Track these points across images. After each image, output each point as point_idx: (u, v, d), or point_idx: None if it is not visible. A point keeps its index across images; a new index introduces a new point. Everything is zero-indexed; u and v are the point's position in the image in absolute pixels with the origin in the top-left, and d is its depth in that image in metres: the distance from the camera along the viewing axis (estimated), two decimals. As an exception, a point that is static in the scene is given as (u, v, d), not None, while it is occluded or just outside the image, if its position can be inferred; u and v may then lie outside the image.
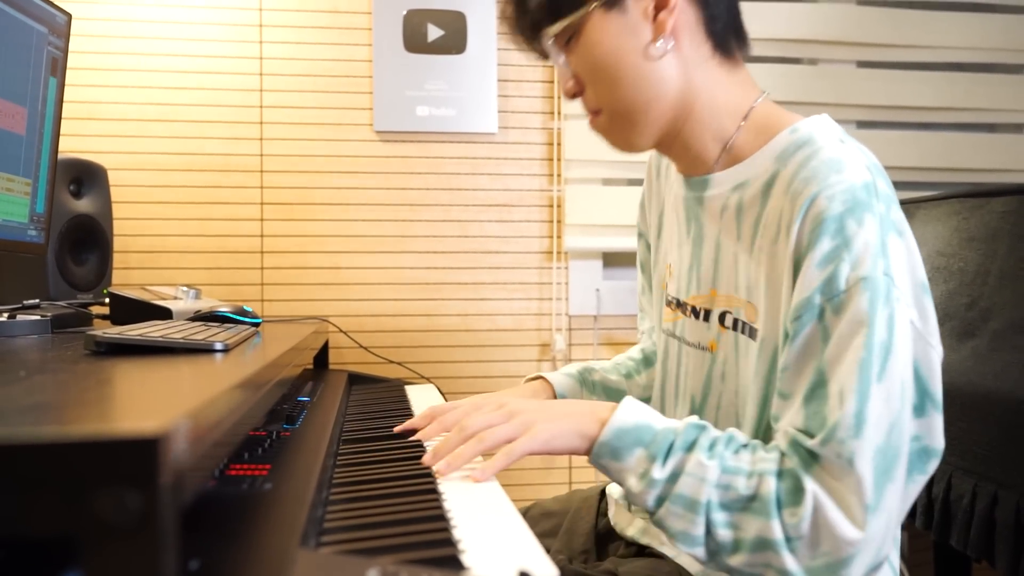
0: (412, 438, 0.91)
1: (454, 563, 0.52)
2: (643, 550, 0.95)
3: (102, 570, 0.35)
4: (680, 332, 0.93)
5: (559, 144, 1.89)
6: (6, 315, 1.10)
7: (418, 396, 1.29)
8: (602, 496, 1.09)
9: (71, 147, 1.68)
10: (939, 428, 0.77)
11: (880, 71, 2.02)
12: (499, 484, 0.73)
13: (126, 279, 1.73)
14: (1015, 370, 1.16)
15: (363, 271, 1.84)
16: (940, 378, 0.77)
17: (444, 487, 0.71)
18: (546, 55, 0.88)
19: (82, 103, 1.74)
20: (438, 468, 0.75)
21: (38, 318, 1.12)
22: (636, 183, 1.90)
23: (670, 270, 0.98)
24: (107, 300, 1.34)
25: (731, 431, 0.75)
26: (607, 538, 1.02)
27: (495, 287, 1.88)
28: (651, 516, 0.74)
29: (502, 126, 1.88)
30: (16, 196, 1.17)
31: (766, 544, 0.68)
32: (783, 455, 0.71)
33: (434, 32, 1.84)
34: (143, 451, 0.35)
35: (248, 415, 0.61)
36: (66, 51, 1.27)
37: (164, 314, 1.24)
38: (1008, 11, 2.07)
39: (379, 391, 1.39)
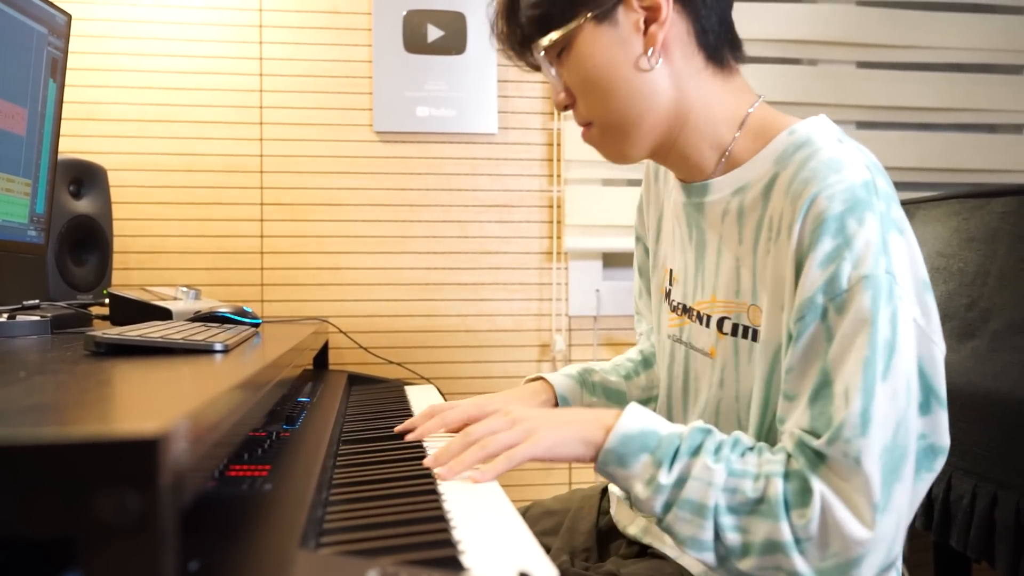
0: (411, 436, 0.91)
1: (454, 564, 0.52)
2: (645, 550, 0.95)
3: (102, 571, 0.35)
4: (687, 338, 0.93)
5: (559, 144, 1.89)
6: (6, 316, 1.10)
7: (418, 396, 1.30)
8: (603, 494, 1.09)
9: (71, 147, 1.68)
10: (945, 426, 0.77)
11: (880, 72, 2.02)
12: (499, 485, 0.73)
13: (126, 280, 1.73)
14: (1015, 371, 1.16)
15: (363, 271, 1.84)
16: (944, 375, 0.77)
17: (444, 488, 0.71)
18: (538, 68, 0.88)
19: (82, 103, 1.74)
20: (439, 472, 0.75)
21: (38, 319, 1.12)
22: (636, 183, 1.90)
23: (671, 275, 0.97)
24: (107, 301, 1.34)
25: (737, 434, 0.75)
26: (608, 537, 1.02)
27: (495, 287, 1.88)
28: (659, 522, 0.73)
29: (502, 126, 1.88)
30: (16, 197, 1.18)
31: (775, 546, 0.68)
32: (789, 456, 0.71)
33: (434, 32, 1.84)
34: (143, 452, 0.35)
35: (248, 416, 0.61)
36: (66, 51, 1.28)
37: (164, 315, 1.24)
38: (1008, 11, 2.07)
39: (379, 392, 1.39)
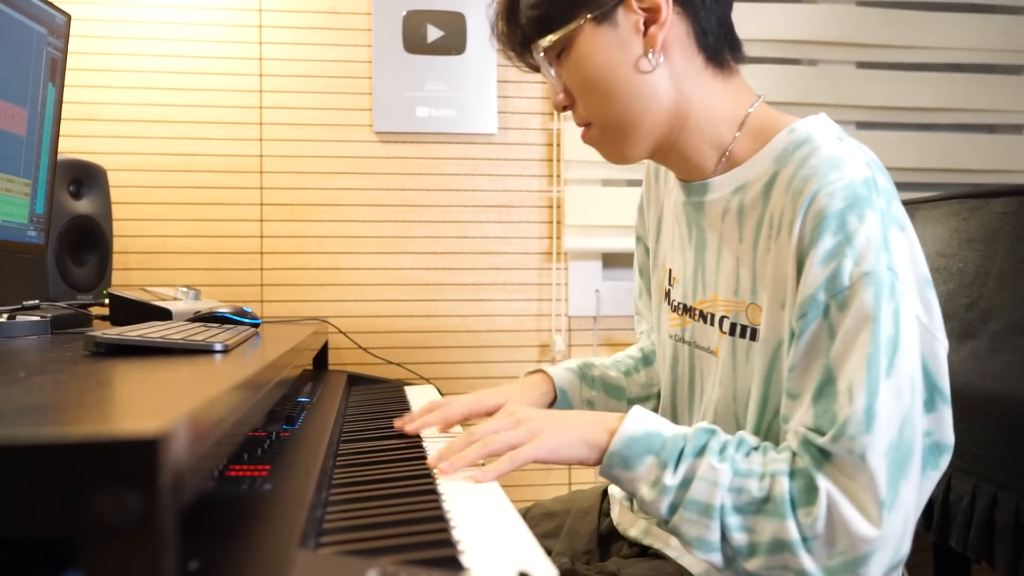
0: (409, 428, 0.91)
1: (454, 564, 0.52)
2: (646, 551, 0.95)
3: (102, 571, 0.35)
4: (690, 337, 0.93)
5: (559, 145, 1.89)
6: (6, 316, 1.10)
7: (418, 396, 1.30)
8: (604, 496, 1.09)
9: (70, 148, 1.68)
10: (949, 423, 0.77)
11: (879, 72, 2.02)
12: (499, 485, 0.73)
13: (126, 280, 1.73)
14: (1015, 371, 1.16)
15: (363, 272, 1.84)
16: (947, 372, 0.77)
17: (444, 488, 0.71)
18: (537, 68, 0.88)
19: (82, 104, 1.73)
20: (441, 468, 0.75)
21: (38, 319, 1.12)
22: (636, 184, 1.90)
23: (671, 275, 0.97)
24: (107, 301, 1.34)
25: (741, 434, 0.75)
26: (609, 539, 1.02)
27: (495, 288, 1.88)
28: (665, 524, 0.73)
29: (502, 127, 1.88)
30: (16, 197, 1.17)
31: (782, 545, 0.68)
32: (794, 455, 0.71)
33: (434, 33, 1.84)
34: (143, 452, 0.35)
35: (248, 416, 0.61)
36: (66, 52, 1.28)
37: (164, 315, 1.24)
38: (1007, 12, 2.07)
39: (378, 392, 1.39)
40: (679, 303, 0.95)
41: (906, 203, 0.79)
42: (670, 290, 0.98)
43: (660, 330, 1.01)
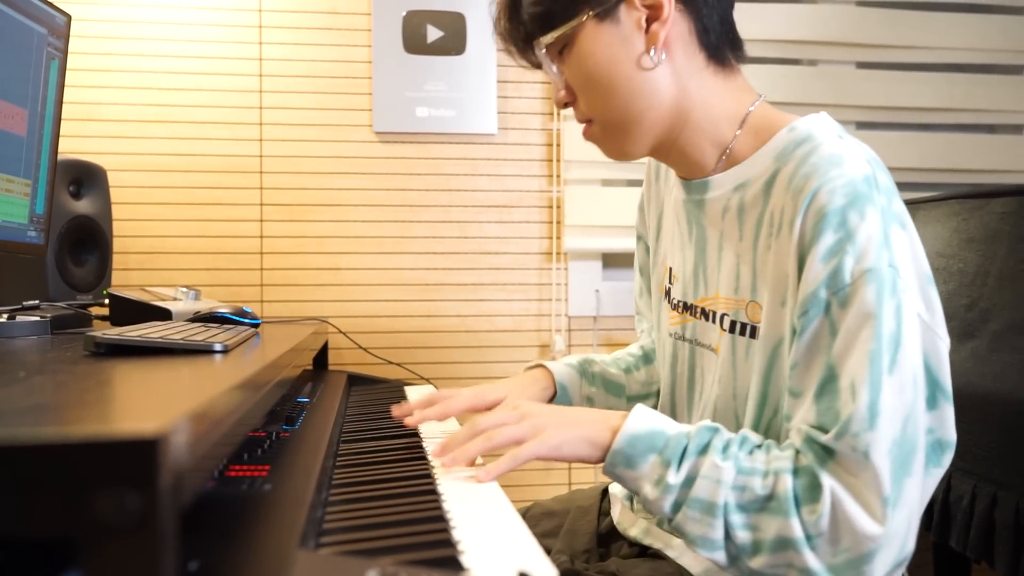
0: (409, 420, 0.91)
1: (453, 564, 0.52)
2: (645, 551, 0.95)
3: (102, 571, 0.35)
4: (691, 335, 0.93)
5: (558, 145, 1.89)
6: (6, 316, 1.10)
7: (417, 397, 1.29)
8: (604, 496, 1.09)
9: (71, 148, 1.68)
10: (951, 420, 0.77)
11: (879, 72, 2.02)
12: (498, 485, 0.73)
13: (126, 280, 1.73)
14: (1014, 371, 1.16)
15: (363, 272, 1.84)
16: (949, 369, 0.77)
17: (444, 488, 0.71)
18: (539, 65, 0.88)
19: (82, 104, 1.74)
20: (444, 462, 0.75)
21: (38, 319, 1.12)
22: (635, 184, 1.90)
23: (671, 273, 0.97)
24: (107, 301, 1.34)
25: (744, 432, 0.75)
26: (609, 538, 1.02)
27: (495, 288, 1.88)
28: (669, 523, 0.73)
29: (501, 127, 1.88)
30: (16, 197, 1.17)
31: (786, 543, 0.68)
32: (798, 453, 0.71)
33: (434, 33, 1.84)
34: (143, 452, 0.35)
35: (247, 416, 0.61)
36: (66, 52, 1.28)
37: (164, 315, 1.24)
38: (1007, 12, 2.07)
39: (378, 392, 1.39)
40: (679, 301, 0.95)
41: (906, 203, 0.79)
42: (670, 288, 0.98)
43: (660, 328, 1.01)
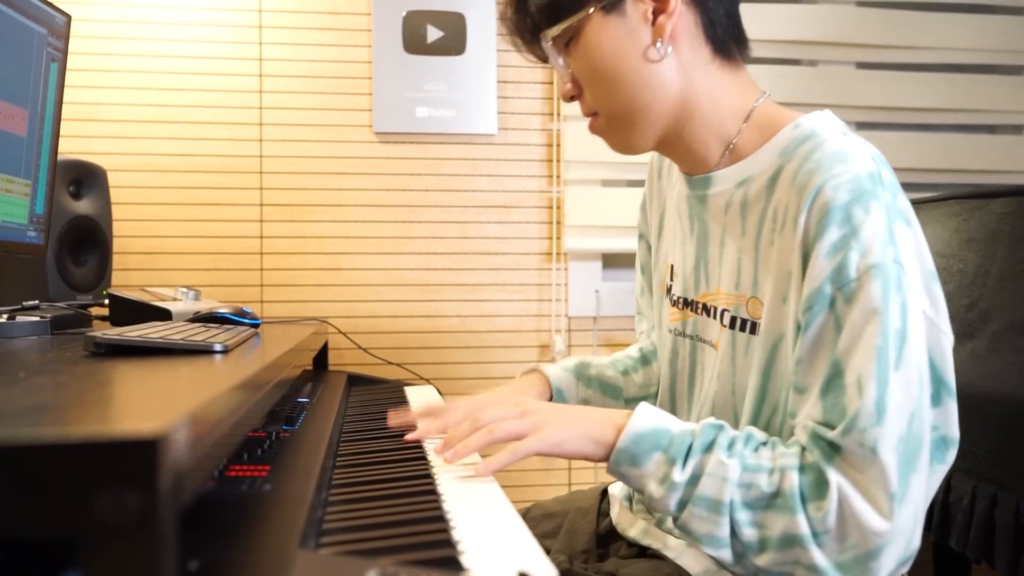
0: (410, 436, 0.91)
1: (453, 564, 0.52)
2: (644, 551, 0.95)
3: (101, 571, 0.35)
4: (692, 331, 0.93)
5: (558, 145, 1.89)
6: (5, 316, 1.10)
7: (417, 397, 1.30)
8: (603, 496, 1.09)
9: (70, 148, 1.68)
10: (955, 417, 0.77)
11: (879, 72, 2.02)
12: (498, 485, 0.73)
13: (125, 280, 1.73)
14: (1015, 371, 1.16)
15: (363, 272, 1.84)
16: (953, 366, 0.77)
17: (444, 488, 0.71)
18: (545, 58, 0.88)
19: (82, 104, 1.74)
20: (446, 458, 0.75)
21: (37, 319, 1.12)
22: (635, 184, 1.90)
23: (672, 271, 0.98)
24: (106, 301, 1.34)
25: (749, 429, 0.75)
26: (608, 539, 1.02)
27: (494, 288, 1.88)
28: (674, 521, 0.73)
29: (501, 127, 1.88)
30: (16, 197, 1.17)
31: (793, 540, 0.68)
32: (804, 449, 0.71)
33: (433, 33, 1.84)
34: (143, 452, 0.35)
35: (247, 416, 0.61)
36: (66, 52, 1.28)
37: (163, 315, 1.24)
38: (1007, 12, 2.07)
39: (378, 392, 1.39)
40: (679, 297, 0.95)
41: (907, 203, 0.79)
42: (671, 285, 0.98)
43: (661, 325, 1.01)
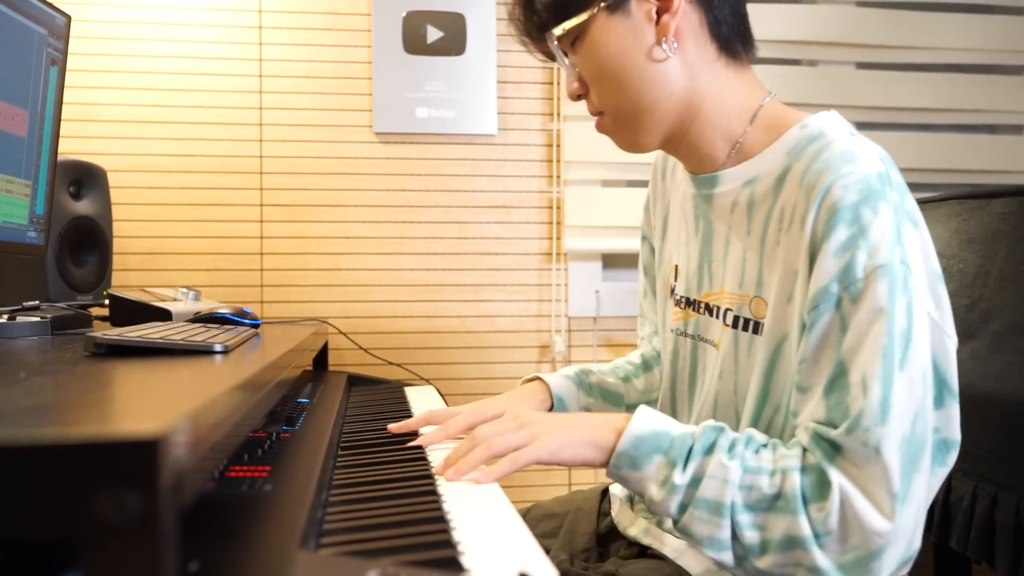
0: (413, 443, 0.91)
1: (454, 564, 0.52)
2: (645, 551, 0.95)
3: (102, 571, 0.35)
4: (694, 330, 0.93)
5: (558, 146, 1.89)
6: (6, 317, 1.10)
7: (418, 397, 1.29)
8: (603, 496, 1.09)
9: (71, 148, 1.68)
10: (957, 419, 0.77)
11: (879, 72, 2.02)
12: (499, 486, 0.73)
13: (126, 281, 1.73)
14: (1015, 372, 1.16)
15: (363, 272, 1.84)
16: (956, 368, 0.77)
17: (444, 489, 0.71)
18: (552, 57, 0.88)
19: (82, 104, 1.74)
20: (448, 476, 0.74)
21: (38, 320, 1.12)
22: (635, 184, 1.90)
23: (676, 271, 0.97)
24: (107, 302, 1.34)
25: (750, 431, 0.75)
26: (608, 538, 1.02)
27: (495, 288, 1.88)
28: (675, 524, 0.73)
29: (501, 127, 1.88)
30: (16, 198, 1.17)
31: (794, 542, 0.68)
32: (805, 450, 0.71)
33: (434, 33, 1.84)
34: (143, 453, 0.35)
35: (248, 417, 0.61)
36: (66, 52, 1.27)
37: (164, 315, 1.24)
38: (1007, 12, 2.07)
39: (378, 392, 1.38)
40: (682, 296, 0.95)
41: (908, 203, 0.79)
42: (675, 286, 0.98)
43: (664, 326, 1.01)
